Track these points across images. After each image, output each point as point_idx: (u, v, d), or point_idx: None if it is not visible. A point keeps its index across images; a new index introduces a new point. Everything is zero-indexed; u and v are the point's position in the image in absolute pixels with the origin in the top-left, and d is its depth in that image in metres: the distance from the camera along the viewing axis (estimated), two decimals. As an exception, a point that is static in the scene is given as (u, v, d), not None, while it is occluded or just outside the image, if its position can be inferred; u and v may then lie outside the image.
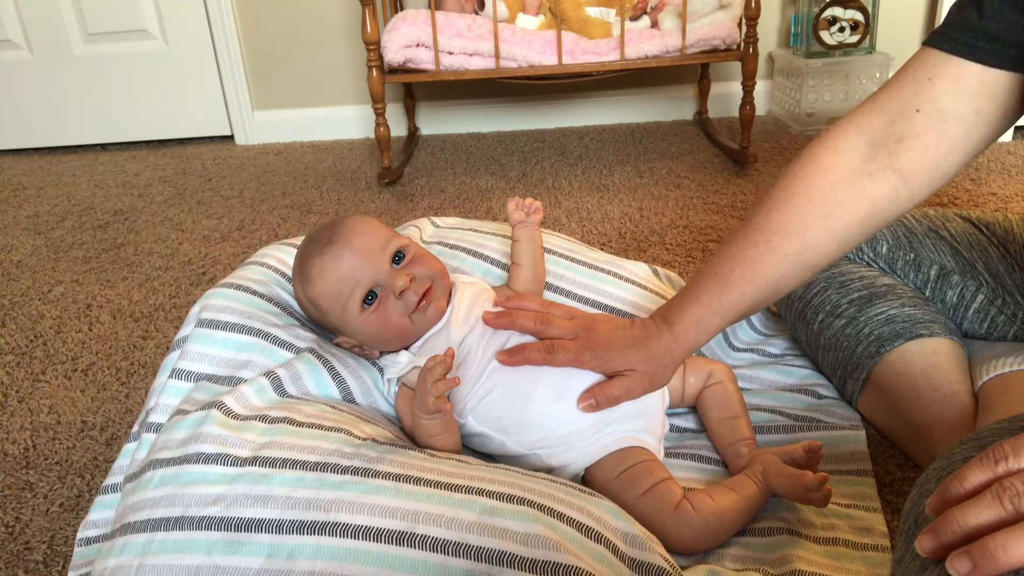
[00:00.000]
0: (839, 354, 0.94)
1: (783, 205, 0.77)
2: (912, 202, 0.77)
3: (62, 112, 2.49)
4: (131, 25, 2.40)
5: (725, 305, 0.79)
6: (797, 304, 1.00)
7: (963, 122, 0.72)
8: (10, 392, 1.19)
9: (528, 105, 2.46)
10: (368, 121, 2.42)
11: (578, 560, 0.61)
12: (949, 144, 0.73)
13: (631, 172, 1.99)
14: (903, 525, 0.53)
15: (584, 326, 0.83)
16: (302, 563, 0.64)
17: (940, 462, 0.54)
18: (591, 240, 1.59)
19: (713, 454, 0.90)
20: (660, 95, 2.45)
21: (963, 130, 0.73)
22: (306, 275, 0.85)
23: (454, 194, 1.92)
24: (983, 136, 0.74)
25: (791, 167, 0.79)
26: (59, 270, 1.63)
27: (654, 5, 1.98)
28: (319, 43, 2.42)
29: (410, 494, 0.67)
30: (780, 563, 0.74)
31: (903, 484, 0.86)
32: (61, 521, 0.91)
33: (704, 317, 0.79)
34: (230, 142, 2.53)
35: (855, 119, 0.77)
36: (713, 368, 0.93)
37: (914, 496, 0.53)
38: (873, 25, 2.18)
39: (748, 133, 1.96)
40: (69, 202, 2.06)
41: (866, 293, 0.94)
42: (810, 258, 0.77)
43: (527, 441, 0.82)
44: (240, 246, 1.70)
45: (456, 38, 1.86)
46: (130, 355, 1.28)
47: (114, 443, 1.05)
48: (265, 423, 0.75)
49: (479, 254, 1.05)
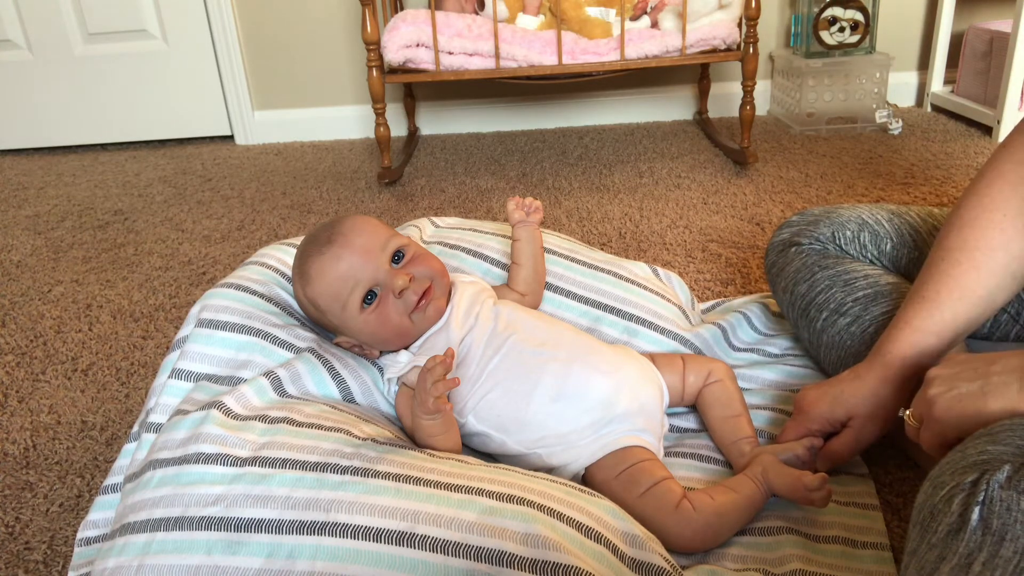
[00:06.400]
0: (842, 352, 0.94)
1: (977, 222, 0.78)
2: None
3: (62, 112, 2.49)
4: (131, 25, 2.40)
5: (939, 325, 0.79)
6: (800, 302, 1.00)
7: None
8: (10, 392, 1.19)
9: (528, 105, 2.46)
10: (368, 121, 2.42)
11: (578, 560, 0.61)
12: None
13: (631, 172, 1.99)
14: (916, 517, 0.54)
15: (798, 409, 0.86)
16: (302, 563, 0.64)
17: (954, 455, 0.54)
18: (591, 240, 1.59)
19: (713, 453, 0.89)
20: (660, 95, 2.45)
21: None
22: (306, 275, 0.85)
23: (454, 194, 1.92)
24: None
25: (976, 185, 0.79)
26: (59, 270, 1.63)
27: (654, 5, 1.98)
28: (319, 43, 2.42)
29: (410, 494, 0.67)
30: (780, 563, 0.74)
31: (903, 484, 0.86)
32: (61, 521, 0.91)
33: (919, 340, 0.79)
34: (230, 142, 2.53)
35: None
36: (713, 367, 0.93)
37: (927, 488, 0.54)
38: (873, 25, 2.18)
39: (748, 133, 1.96)
40: (69, 202, 2.06)
41: (871, 292, 0.94)
42: (1017, 269, 0.77)
43: (527, 440, 0.82)
44: (240, 246, 1.70)
45: (456, 38, 1.85)
46: (130, 355, 1.27)
47: (114, 443, 1.05)
48: (265, 423, 0.75)
49: (479, 254, 1.04)
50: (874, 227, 1.01)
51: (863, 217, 1.02)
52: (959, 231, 0.79)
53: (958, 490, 0.52)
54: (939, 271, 0.79)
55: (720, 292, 1.34)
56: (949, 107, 2.27)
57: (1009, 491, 0.49)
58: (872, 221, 1.01)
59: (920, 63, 2.42)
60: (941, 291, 0.79)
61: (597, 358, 0.86)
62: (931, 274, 0.80)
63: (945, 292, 0.78)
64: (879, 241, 1.01)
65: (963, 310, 0.78)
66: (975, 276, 0.78)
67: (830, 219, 1.03)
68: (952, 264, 0.78)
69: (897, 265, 1.00)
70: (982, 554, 0.49)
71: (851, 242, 1.01)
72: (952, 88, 2.30)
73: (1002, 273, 0.77)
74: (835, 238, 1.01)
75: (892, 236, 1.00)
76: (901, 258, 1.00)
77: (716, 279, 1.38)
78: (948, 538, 0.51)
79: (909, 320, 0.80)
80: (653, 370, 0.90)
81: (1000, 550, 0.48)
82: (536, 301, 0.99)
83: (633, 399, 0.84)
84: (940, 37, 2.27)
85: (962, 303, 0.78)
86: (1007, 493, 0.49)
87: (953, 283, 0.78)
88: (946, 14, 2.25)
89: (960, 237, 0.78)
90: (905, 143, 2.06)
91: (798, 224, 1.05)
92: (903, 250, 1.00)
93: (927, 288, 0.80)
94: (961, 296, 0.78)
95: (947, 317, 0.78)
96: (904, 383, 0.80)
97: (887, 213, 1.02)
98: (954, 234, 0.79)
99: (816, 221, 1.03)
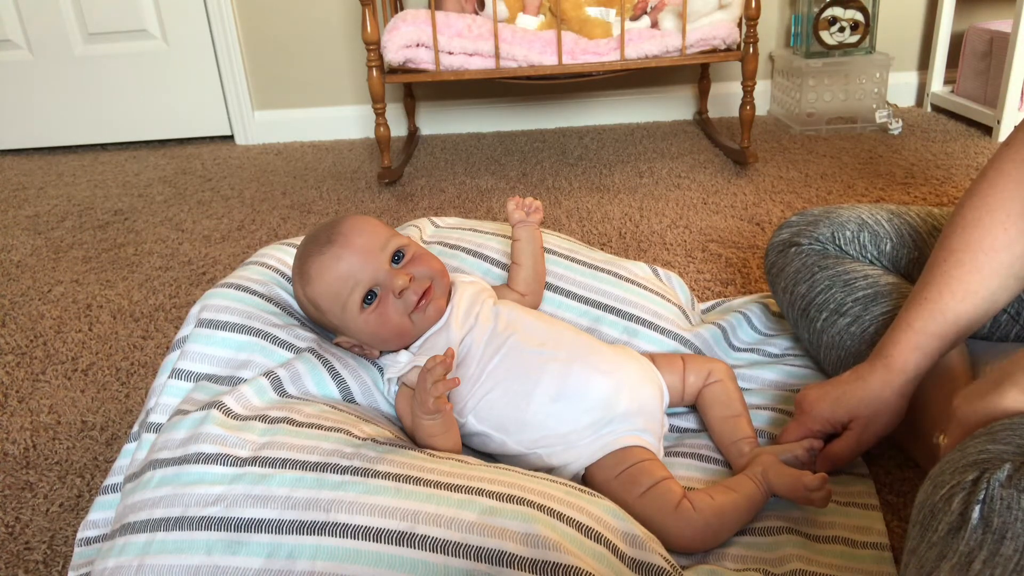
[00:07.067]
0: (842, 352, 0.94)
1: (980, 223, 0.78)
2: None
3: (62, 112, 2.49)
4: (131, 25, 2.40)
5: (941, 327, 0.79)
6: (800, 302, 1.00)
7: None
8: (10, 392, 1.19)
9: (528, 105, 2.46)
10: (368, 121, 2.42)
11: (578, 560, 0.61)
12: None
13: (631, 172, 1.99)
14: (916, 516, 0.54)
15: (800, 409, 0.86)
16: (302, 563, 0.64)
17: (953, 455, 0.54)
18: (591, 240, 1.59)
19: (713, 453, 0.89)
20: (660, 95, 2.45)
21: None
22: (306, 275, 0.85)
23: (454, 194, 1.92)
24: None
25: (978, 185, 0.79)
26: (59, 270, 1.63)
27: (654, 5, 1.98)
28: (319, 43, 2.42)
29: (410, 494, 0.66)
30: (780, 563, 0.74)
31: (903, 484, 0.86)
32: (61, 521, 0.91)
33: (922, 342, 0.79)
34: (230, 142, 2.53)
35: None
36: (713, 367, 0.93)
37: (928, 488, 0.54)
38: (873, 25, 2.18)
39: (748, 133, 1.96)
40: (69, 202, 2.06)
41: (871, 292, 0.94)
42: (1019, 269, 0.77)
43: (527, 440, 0.82)
44: (240, 246, 1.70)
45: (456, 38, 1.85)
46: (130, 355, 1.27)
47: (114, 443, 1.05)
48: (265, 423, 0.75)
49: (479, 254, 1.04)
50: (874, 227, 1.01)
51: (863, 217, 1.02)
52: (962, 232, 0.79)
53: (958, 489, 0.52)
54: (941, 272, 0.79)
55: (720, 292, 1.34)
56: (949, 107, 2.27)
57: (1010, 489, 0.49)
58: (872, 221, 1.01)
59: (920, 63, 2.42)
60: (943, 292, 0.78)
61: (597, 358, 0.86)
62: (933, 275, 0.80)
63: (948, 294, 0.78)
64: (879, 241, 1.01)
65: (965, 311, 0.78)
66: (978, 277, 0.77)
67: (830, 219, 1.03)
68: (954, 265, 0.78)
69: (897, 265, 1.00)
70: (982, 552, 0.49)
71: (851, 242, 1.01)
72: (952, 88, 2.30)
73: (1005, 274, 0.77)
74: (835, 238, 1.01)
75: (892, 236, 1.00)
76: (901, 258, 1.00)
77: (716, 279, 1.38)
78: (948, 536, 0.51)
79: (911, 322, 0.80)
80: (653, 370, 0.90)
81: (1000, 548, 0.48)
82: (536, 301, 0.99)
83: (633, 399, 0.84)
84: (940, 37, 2.27)
85: (964, 305, 0.78)
86: (1007, 492, 0.49)
87: (956, 284, 0.78)
88: (946, 14, 2.25)
89: (963, 238, 0.78)
90: (905, 143, 2.06)
91: (798, 224, 1.05)
92: (903, 250, 1.00)
93: (929, 289, 0.80)
94: (964, 298, 0.78)
95: (949, 319, 0.78)
96: (906, 385, 0.80)
97: (887, 213, 1.02)
98: (956, 235, 0.79)
99: (816, 221, 1.03)
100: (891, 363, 0.80)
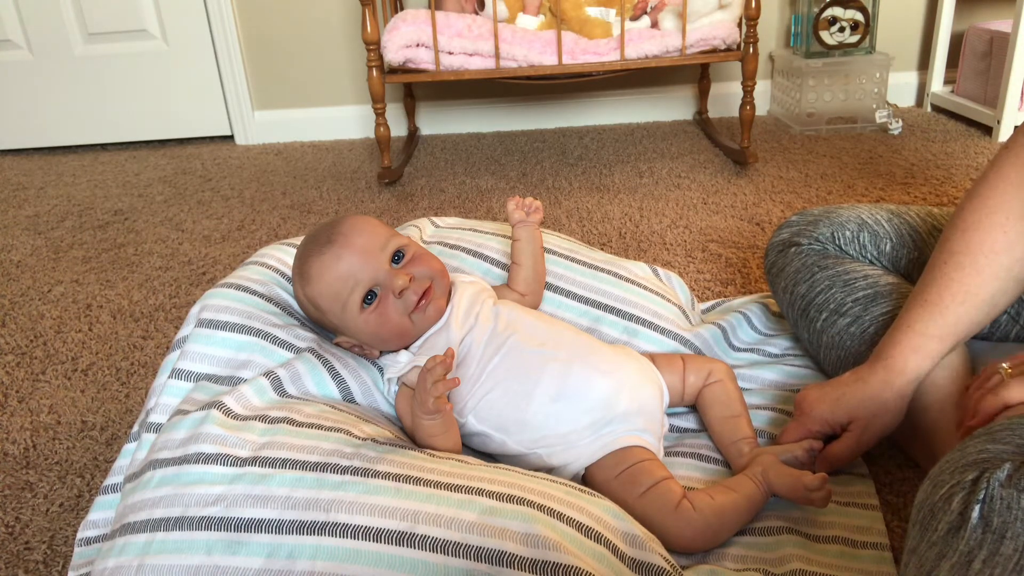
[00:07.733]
0: (842, 352, 0.94)
1: (980, 225, 0.78)
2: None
3: (62, 112, 2.49)
4: (131, 25, 2.40)
5: (942, 329, 0.79)
6: (800, 302, 1.00)
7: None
8: (10, 392, 1.19)
9: (528, 105, 2.46)
10: (368, 121, 2.42)
11: (578, 560, 0.61)
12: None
13: (631, 172, 1.99)
14: (916, 515, 0.54)
15: (799, 410, 0.86)
16: (302, 563, 0.64)
17: (953, 454, 0.55)
18: (591, 240, 1.59)
19: (713, 453, 0.89)
20: (660, 95, 2.45)
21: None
22: (306, 275, 0.85)
23: (454, 194, 1.92)
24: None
25: (978, 187, 0.79)
26: (59, 270, 1.63)
27: (654, 5, 1.98)
28: (319, 43, 2.42)
29: (410, 494, 0.66)
30: (780, 563, 0.74)
31: (903, 484, 0.86)
32: (61, 521, 0.91)
33: (921, 344, 0.79)
34: (230, 142, 2.53)
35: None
36: (712, 367, 0.93)
37: (928, 487, 0.54)
38: (873, 25, 2.18)
39: (748, 133, 1.96)
40: (69, 202, 2.06)
41: (870, 292, 0.94)
42: (1019, 272, 0.77)
43: (527, 440, 0.82)
44: (240, 246, 1.70)
45: (456, 38, 1.85)
46: (130, 355, 1.27)
47: (114, 443, 1.05)
48: (265, 423, 0.75)
49: (479, 254, 1.04)
50: (873, 227, 1.01)
51: (863, 217, 1.02)
52: (962, 234, 0.79)
53: (958, 488, 0.52)
54: (942, 274, 0.79)
55: (720, 292, 1.34)
56: (949, 107, 2.27)
57: (1009, 489, 0.49)
58: (872, 221, 1.01)
59: (920, 63, 2.42)
60: (944, 295, 0.79)
61: (597, 358, 0.86)
62: (934, 277, 0.80)
63: (948, 296, 0.78)
64: (878, 241, 1.01)
65: (966, 313, 0.78)
66: (978, 280, 0.78)
67: (830, 219, 1.03)
68: (955, 267, 0.78)
69: (896, 265, 1.00)
70: (982, 552, 0.49)
71: (851, 242, 1.01)
72: (952, 88, 2.30)
73: (1005, 276, 0.77)
74: (835, 238, 1.01)
75: (891, 236, 1.00)
76: (900, 258, 1.00)
77: (716, 279, 1.39)
78: (948, 536, 0.51)
79: (912, 324, 0.80)
80: (653, 370, 0.90)
81: (1000, 548, 0.48)
82: (536, 301, 0.99)
83: (633, 399, 0.84)
84: (940, 37, 2.27)
85: (965, 307, 0.78)
86: (1007, 491, 0.49)
87: (956, 287, 0.78)
88: (946, 14, 2.25)
89: (963, 240, 0.78)
90: (905, 143, 2.06)
91: (798, 224, 1.05)
92: (902, 250, 1.00)
93: (929, 291, 0.80)
94: (964, 300, 0.78)
95: (950, 321, 0.78)
96: (906, 386, 0.80)
97: (887, 213, 1.02)
98: (957, 237, 0.79)
99: (816, 221, 1.03)
100: (891, 364, 0.80)
